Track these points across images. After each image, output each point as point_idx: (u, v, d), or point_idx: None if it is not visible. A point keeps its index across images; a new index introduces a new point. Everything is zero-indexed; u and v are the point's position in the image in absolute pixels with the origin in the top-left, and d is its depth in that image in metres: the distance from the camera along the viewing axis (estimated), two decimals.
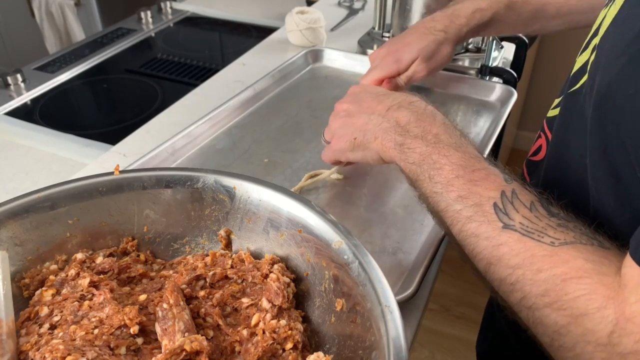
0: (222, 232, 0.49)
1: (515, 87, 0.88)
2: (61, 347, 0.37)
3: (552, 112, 0.55)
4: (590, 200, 0.43)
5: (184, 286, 0.45)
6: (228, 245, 0.50)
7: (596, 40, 0.44)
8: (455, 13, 0.75)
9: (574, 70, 0.49)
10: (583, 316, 0.33)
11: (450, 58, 0.76)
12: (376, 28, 1.09)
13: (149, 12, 1.34)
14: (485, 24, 0.74)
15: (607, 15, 0.43)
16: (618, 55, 0.38)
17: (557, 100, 0.55)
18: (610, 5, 0.43)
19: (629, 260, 0.33)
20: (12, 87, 1.02)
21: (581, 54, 0.48)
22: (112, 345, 0.39)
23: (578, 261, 0.35)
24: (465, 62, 0.99)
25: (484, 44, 1.00)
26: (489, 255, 0.40)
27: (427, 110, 0.52)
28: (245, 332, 0.42)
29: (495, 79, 0.93)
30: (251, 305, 0.44)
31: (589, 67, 0.44)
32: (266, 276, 0.45)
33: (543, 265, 0.36)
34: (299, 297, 0.46)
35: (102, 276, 0.45)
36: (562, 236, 0.37)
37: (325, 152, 0.64)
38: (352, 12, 1.31)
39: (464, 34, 0.74)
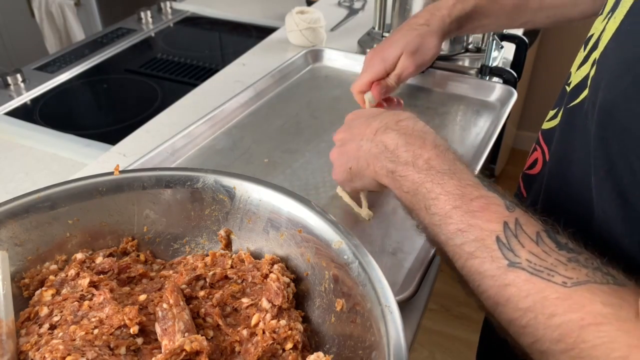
0: (222, 232, 0.49)
1: (515, 87, 0.88)
2: (61, 347, 0.37)
3: (548, 125, 0.53)
4: (595, 218, 0.41)
5: (184, 286, 0.45)
6: (228, 245, 0.50)
7: (596, 54, 0.42)
8: (436, 6, 0.75)
9: (573, 84, 0.47)
10: None
11: (438, 51, 0.76)
12: (376, 28, 1.09)
13: (149, 12, 1.34)
14: (468, 15, 0.74)
15: (607, 29, 0.41)
16: (622, 74, 0.37)
17: (552, 112, 0.53)
18: (609, 18, 0.42)
19: None
20: (12, 87, 1.02)
21: (580, 67, 0.47)
22: (112, 345, 0.39)
23: (595, 305, 0.33)
24: (465, 62, 0.99)
25: (484, 44, 1.00)
26: (495, 295, 0.37)
27: (416, 130, 0.48)
28: (245, 332, 0.42)
29: (495, 79, 0.93)
30: (251, 305, 0.44)
31: (589, 81, 0.43)
32: (266, 276, 0.45)
33: (556, 309, 0.34)
34: (299, 297, 0.46)
35: (102, 276, 0.45)
36: (575, 275, 0.34)
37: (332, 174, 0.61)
38: (352, 12, 1.31)
39: (448, 25, 0.74)
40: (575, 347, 0.33)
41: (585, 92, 0.44)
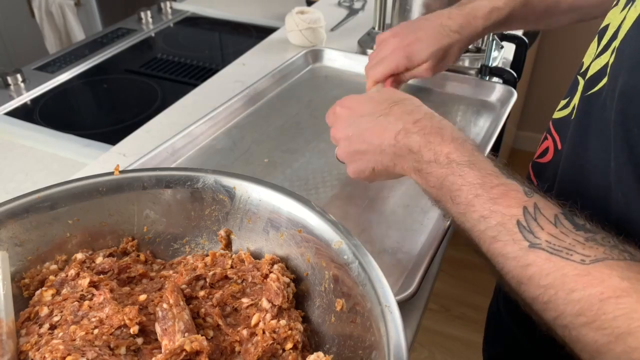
0: (222, 232, 0.49)
1: (515, 87, 0.88)
2: (61, 347, 0.37)
3: (560, 114, 0.54)
4: (613, 204, 0.42)
5: (184, 286, 0.45)
6: (228, 245, 0.50)
7: (616, 43, 0.43)
8: (472, 13, 0.73)
9: (591, 73, 0.48)
10: (626, 335, 0.33)
11: (457, 60, 0.76)
12: (376, 28, 1.09)
13: (149, 12, 1.34)
14: (501, 22, 0.73)
15: (627, 18, 0.42)
16: None
17: (563, 102, 0.54)
18: (630, 7, 0.42)
19: None
20: (12, 87, 1.02)
21: (599, 56, 0.47)
22: (112, 345, 0.39)
23: (613, 280, 0.34)
24: (465, 62, 0.99)
25: (484, 44, 1.00)
26: (518, 275, 0.39)
27: (434, 126, 0.50)
28: (245, 332, 0.42)
29: (495, 79, 0.93)
30: (251, 305, 0.44)
31: (608, 69, 0.43)
32: (266, 276, 0.45)
33: (576, 285, 0.35)
34: (299, 297, 0.46)
35: (102, 276, 0.45)
36: (592, 252, 0.36)
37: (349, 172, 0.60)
38: (352, 12, 1.31)
39: (479, 34, 0.73)
40: (596, 319, 0.34)
41: (605, 80, 0.44)
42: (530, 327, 0.41)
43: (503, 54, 1.02)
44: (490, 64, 0.93)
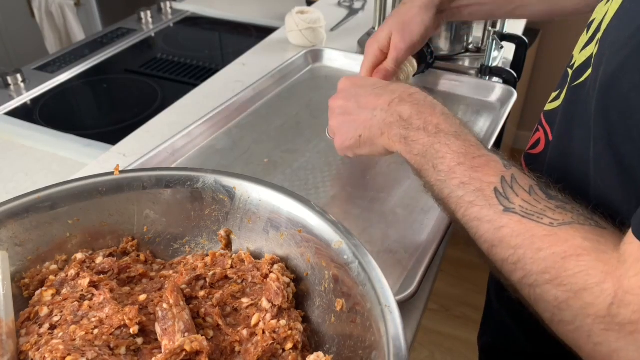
0: (222, 232, 0.49)
1: (515, 87, 0.88)
2: (61, 347, 0.37)
3: (550, 106, 0.55)
4: (592, 192, 0.44)
5: (184, 286, 0.45)
6: (228, 245, 0.50)
7: (599, 35, 0.45)
8: None
9: (577, 65, 0.49)
10: (582, 291, 0.35)
11: (427, 26, 0.72)
12: (376, 28, 1.09)
13: (149, 12, 1.34)
14: None
15: (610, 10, 0.44)
16: (621, 47, 0.39)
17: (554, 94, 0.55)
18: (612, 1, 0.44)
19: (630, 237, 0.34)
20: (12, 87, 1.02)
21: (584, 48, 0.49)
22: (112, 345, 0.39)
23: (576, 240, 0.37)
24: (465, 62, 0.99)
25: (484, 44, 1.00)
26: (491, 238, 0.41)
27: (427, 101, 0.53)
28: (245, 332, 0.42)
29: (495, 79, 0.93)
30: (251, 305, 0.44)
31: (592, 60, 0.45)
32: (266, 276, 0.45)
33: (543, 244, 0.38)
34: (299, 297, 0.46)
35: (102, 276, 0.45)
36: (561, 217, 0.39)
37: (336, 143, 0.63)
38: (352, 12, 1.31)
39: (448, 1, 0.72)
40: (558, 276, 0.37)
41: (589, 71, 0.46)
42: (520, 314, 0.43)
43: (503, 54, 1.02)
44: (490, 64, 0.93)
